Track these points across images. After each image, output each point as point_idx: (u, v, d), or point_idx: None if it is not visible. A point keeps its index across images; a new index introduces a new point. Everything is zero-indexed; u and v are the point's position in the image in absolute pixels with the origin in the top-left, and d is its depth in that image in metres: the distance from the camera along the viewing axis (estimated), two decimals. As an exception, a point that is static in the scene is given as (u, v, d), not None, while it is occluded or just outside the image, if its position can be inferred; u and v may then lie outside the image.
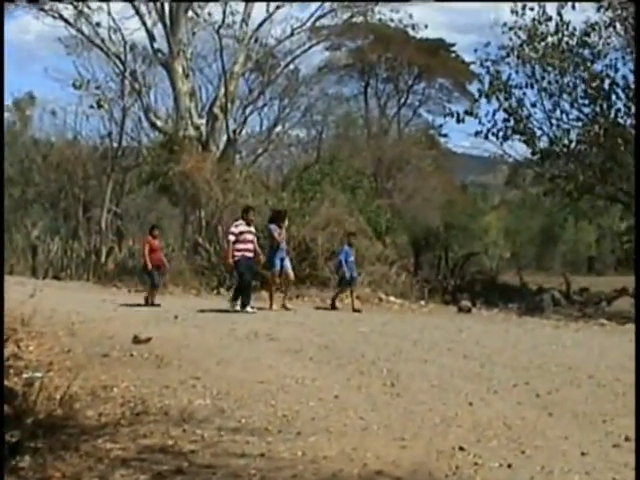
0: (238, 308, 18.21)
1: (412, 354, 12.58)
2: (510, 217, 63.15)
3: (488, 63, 26.17)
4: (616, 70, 25.26)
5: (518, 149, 26.86)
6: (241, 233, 18.54)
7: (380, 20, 37.56)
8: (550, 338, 15.76)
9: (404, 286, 24.28)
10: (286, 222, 19.91)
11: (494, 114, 25.86)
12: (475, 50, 27.46)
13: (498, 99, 25.52)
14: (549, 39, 25.21)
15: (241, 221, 18.91)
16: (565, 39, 25.19)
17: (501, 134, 25.80)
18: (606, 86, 25.01)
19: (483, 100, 26.31)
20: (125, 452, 7.10)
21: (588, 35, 25.10)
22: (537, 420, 8.39)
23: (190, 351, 12.17)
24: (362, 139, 47.14)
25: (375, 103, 51.99)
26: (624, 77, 25.11)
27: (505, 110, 25.62)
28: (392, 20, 37.43)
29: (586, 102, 25.33)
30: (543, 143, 26.17)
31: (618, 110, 25.03)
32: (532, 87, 25.74)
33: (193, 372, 10.40)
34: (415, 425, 8.07)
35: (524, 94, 25.86)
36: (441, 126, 52.68)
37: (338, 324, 16.75)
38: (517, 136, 26.00)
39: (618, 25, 25.00)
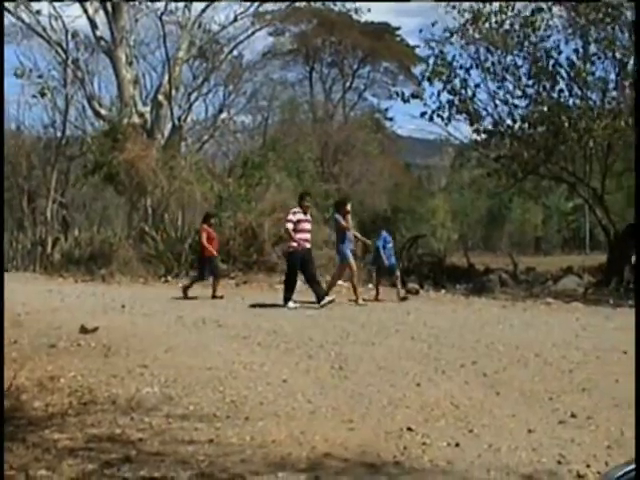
0: (292, 305, 16.97)
1: (360, 337, 12.62)
2: (457, 199, 63.51)
3: (433, 44, 26.25)
4: (559, 51, 25.47)
5: (463, 130, 27.05)
6: (299, 221, 17.26)
7: (323, 4, 37.57)
8: (497, 318, 15.88)
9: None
10: (348, 207, 18.60)
11: (439, 95, 25.96)
12: (420, 31, 27.72)
13: (442, 80, 25.59)
14: (493, 20, 25.30)
15: (298, 208, 17.64)
16: (509, 20, 25.30)
17: (446, 115, 25.90)
18: (550, 66, 25.17)
19: (428, 82, 26.40)
20: (73, 442, 7.06)
21: (532, 16, 25.23)
22: (484, 399, 8.46)
23: (138, 339, 12.10)
24: (308, 124, 47.14)
25: (320, 88, 52.08)
26: (567, 58, 25.31)
27: (449, 91, 25.71)
28: (335, 4, 37.46)
29: (530, 82, 25.44)
30: (487, 123, 26.31)
31: (561, 90, 25.20)
32: (476, 68, 25.85)
33: (141, 360, 10.35)
34: (363, 407, 8.10)
35: (468, 75, 25.97)
36: (387, 110, 52.98)
37: (286, 309, 16.74)
38: (461, 117, 26.12)
39: (562, 6, 25.17)
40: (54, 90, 34.79)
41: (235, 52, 38.30)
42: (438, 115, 25.83)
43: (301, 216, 17.36)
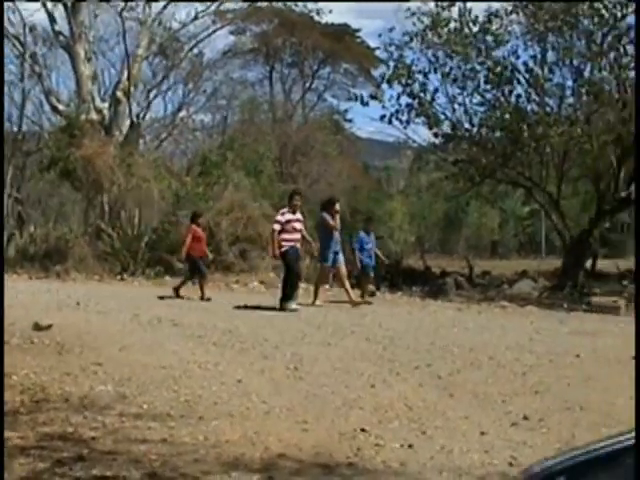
0: (294, 307, 16.45)
1: (315, 337, 12.64)
2: (415, 201, 63.67)
3: (392, 48, 26.34)
4: (517, 57, 25.68)
5: (422, 134, 27.17)
6: (288, 222, 16.78)
7: (285, 4, 37.57)
8: (452, 320, 15.96)
9: (309, 270, 24.30)
10: (337, 207, 18.03)
11: (398, 98, 26.06)
12: (379, 35, 27.62)
13: (401, 83, 25.70)
14: (452, 25, 25.44)
15: (286, 208, 17.15)
16: (468, 25, 25.45)
17: (405, 118, 26.01)
18: (508, 72, 25.36)
19: (387, 85, 26.50)
20: (24, 440, 7.00)
21: (490, 22, 25.40)
22: (438, 401, 8.51)
23: (92, 337, 12.03)
24: (267, 124, 47.06)
25: (280, 88, 51.98)
26: (525, 63, 25.51)
27: (409, 94, 25.82)
28: (297, 5, 37.50)
29: (488, 87, 25.62)
30: (446, 127, 26.45)
31: (519, 96, 25.42)
32: (435, 72, 25.98)
33: (95, 358, 10.30)
34: (317, 408, 8.12)
35: (427, 79, 26.10)
36: (346, 111, 52.94)
37: (243, 308, 16.73)
38: (420, 120, 26.25)
39: (520, 12, 25.34)
40: (11, 84, 34.53)
41: (195, 50, 38.25)
42: (397, 118, 25.94)
43: (290, 216, 16.93)
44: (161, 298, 18.50)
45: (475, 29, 25.29)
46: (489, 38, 25.20)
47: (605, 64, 24.23)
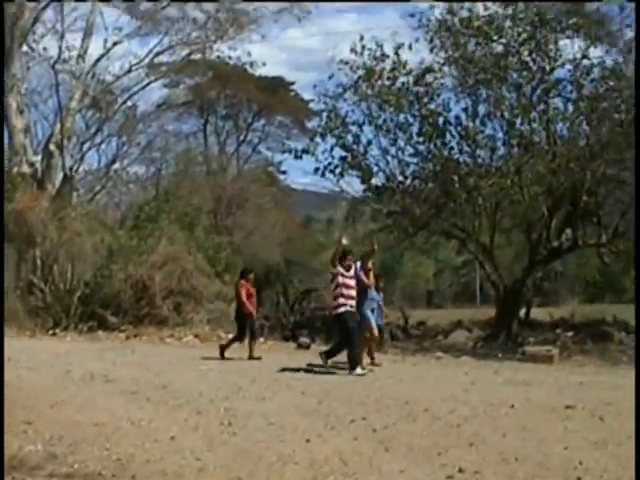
0: (360, 371, 15.27)
1: (250, 392, 12.54)
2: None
3: (326, 99, 26.53)
4: (449, 109, 25.99)
5: (356, 185, 27.25)
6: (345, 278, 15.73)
7: (219, 57, 37.68)
8: (387, 372, 15.95)
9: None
10: (370, 264, 16.89)
11: (331, 150, 26.19)
12: (314, 86, 27.78)
13: (335, 135, 25.87)
14: (385, 77, 25.70)
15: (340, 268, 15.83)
16: (401, 78, 25.73)
17: (338, 171, 26.13)
18: (440, 124, 25.65)
19: (321, 138, 26.62)
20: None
21: (423, 75, 25.71)
22: (373, 455, 8.44)
23: (22, 394, 11.81)
24: (201, 176, 47.02)
25: (214, 140, 52.04)
26: (457, 116, 25.84)
27: (342, 147, 25.99)
28: (230, 57, 37.63)
29: (421, 139, 25.89)
30: (380, 179, 26.63)
31: (452, 148, 25.71)
32: (369, 124, 26.19)
33: (25, 416, 10.09)
34: (251, 464, 8.01)
35: (361, 130, 26.30)
36: (280, 163, 53.17)
37: (177, 363, 16.59)
38: (354, 172, 26.38)
39: (452, 66, 25.71)
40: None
41: (129, 103, 38.19)
42: (330, 171, 26.06)
43: (346, 273, 15.86)
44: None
45: (408, 81, 25.58)
46: (422, 90, 25.50)
47: (535, 116, 24.66)
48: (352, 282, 15.77)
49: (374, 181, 26.54)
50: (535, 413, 10.95)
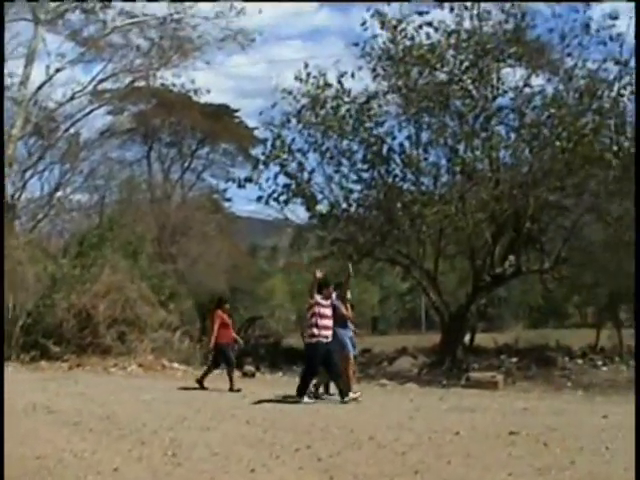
0: (352, 396, 15.30)
1: (195, 422, 12.44)
2: (295, 279, 63.83)
3: (271, 127, 26.59)
4: (393, 137, 26.18)
5: (300, 213, 27.31)
6: (323, 307, 15.52)
7: (163, 85, 37.55)
8: (334, 401, 15.92)
9: (188, 352, 24.09)
10: (348, 294, 16.95)
11: (275, 178, 26.24)
12: (260, 113, 27.88)
13: (279, 163, 25.93)
14: (329, 105, 25.82)
15: (318, 296, 15.61)
16: (345, 106, 25.86)
17: (282, 198, 26.18)
18: (384, 152, 25.81)
19: (264, 166, 26.66)
20: None
21: (367, 103, 25.87)
22: (318, 484, 8.42)
23: (-38, 427, 11.60)
24: (145, 203, 46.71)
25: (159, 167, 51.77)
26: (401, 144, 26.02)
27: (286, 174, 26.04)
28: (174, 85, 37.51)
29: (365, 167, 26.04)
30: (324, 206, 26.70)
31: (396, 175, 25.86)
32: (313, 151, 26.29)
33: (-36, 450, 9.91)
34: (196, 495, 7.95)
35: (305, 158, 26.38)
36: (225, 190, 53.01)
37: (120, 393, 16.41)
38: (298, 200, 26.43)
39: (395, 94, 25.89)
40: None
41: (72, 130, 37.86)
42: (274, 199, 26.09)
43: (324, 302, 15.64)
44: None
45: (352, 109, 25.71)
46: (365, 118, 25.64)
47: (477, 144, 24.91)
48: (329, 312, 15.61)
49: (318, 208, 26.60)
50: (480, 440, 10.97)
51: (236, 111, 53.55)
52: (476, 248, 26.62)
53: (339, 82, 25.79)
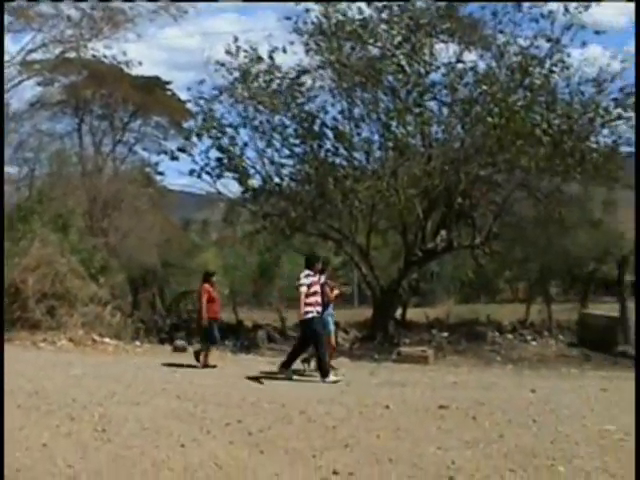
0: (333, 378, 15.10)
1: (125, 397, 12.35)
2: (228, 254, 63.64)
3: (201, 101, 26.41)
4: (326, 112, 26.14)
5: (232, 187, 27.19)
6: (313, 284, 15.49)
7: (94, 56, 37.06)
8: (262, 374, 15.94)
9: (119, 327, 23.87)
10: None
11: (207, 152, 26.10)
12: (189, 88, 27.70)
13: (211, 137, 25.77)
14: (261, 79, 25.69)
15: (308, 271, 15.66)
16: (277, 80, 25.76)
17: (215, 172, 26.05)
18: (316, 127, 25.77)
19: (197, 138, 26.50)
20: None
21: (299, 77, 25.79)
22: (249, 459, 8.41)
23: None
24: (76, 177, 46.12)
25: (90, 140, 51.12)
26: (334, 118, 26.02)
27: (218, 149, 25.89)
28: (106, 56, 37.04)
29: (297, 141, 25.99)
30: (256, 181, 26.64)
31: (328, 150, 25.85)
32: (245, 126, 26.16)
33: None
34: (125, 471, 7.89)
35: (237, 133, 26.24)
36: (157, 164, 52.56)
37: (50, 368, 16.22)
38: (230, 174, 26.31)
39: (327, 68, 25.82)
40: None
41: (1, 101, 37.20)
42: (207, 172, 25.95)
43: (314, 279, 15.64)
44: None
45: (284, 83, 25.61)
46: (297, 93, 25.56)
47: (410, 119, 24.97)
48: (318, 288, 15.60)
49: (251, 183, 26.51)
50: (410, 414, 11.06)
51: (168, 83, 53.03)
52: (408, 223, 26.75)
53: (270, 56, 25.66)
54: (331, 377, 15.17)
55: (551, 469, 7.90)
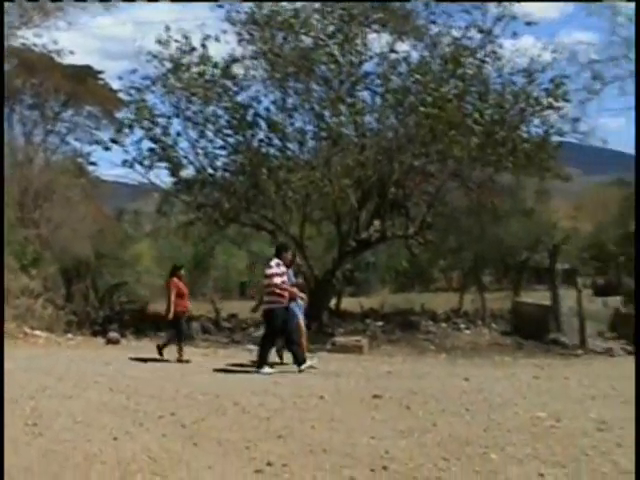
0: (268, 370, 15.20)
1: (57, 390, 12.25)
2: (163, 244, 63.28)
3: (133, 91, 26.16)
4: (259, 102, 26.04)
5: (165, 178, 27.01)
6: (283, 274, 15.59)
7: (24, 45, 36.55)
8: (197, 367, 15.90)
9: (51, 319, 23.63)
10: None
11: (140, 142, 25.88)
12: (120, 78, 27.44)
13: (143, 127, 25.55)
14: (193, 69, 25.51)
15: (278, 260, 15.81)
16: (209, 70, 25.58)
17: (147, 163, 25.84)
18: (249, 117, 25.67)
19: (129, 129, 26.24)
20: None
21: (231, 67, 25.63)
22: (182, 451, 8.38)
23: None
24: (7, 167, 45.44)
25: (20, 130, 50.40)
26: (267, 109, 25.94)
27: (151, 139, 25.70)
28: (36, 45, 36.55)
29: (230, 132, 25.86)
30: (190, 172, 26.47)
31: (261, 140, 25.77)
32: (177, 116, 25.97)
33: None
34: (57, 465, 7.82)
35: (170, 123, 26.04)
36: (89, 154, 52.01)
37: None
38: (163, 164, 26.13)
39: (260, 59, 25.71)
40: None
41: None
42: (139, 163, 25.74)
43: (284, 269, 15.77)
44: None
45: (217, 73, 25.45)
46: (230, 83, 25.43)
47: (343, 109, 24.98)
48: (285, 279, 15.68)
49: (184, 174, 26.35)
50: (344, 404, 11.11)
51: (100, 73, 52.44)
52: (342, 213, 26.77)
53: (203, 46, 25.48)
54: (308, 362, 15.40)
55: (484, 457, 7.98)
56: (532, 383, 13.62)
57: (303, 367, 15.29)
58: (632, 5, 23.47)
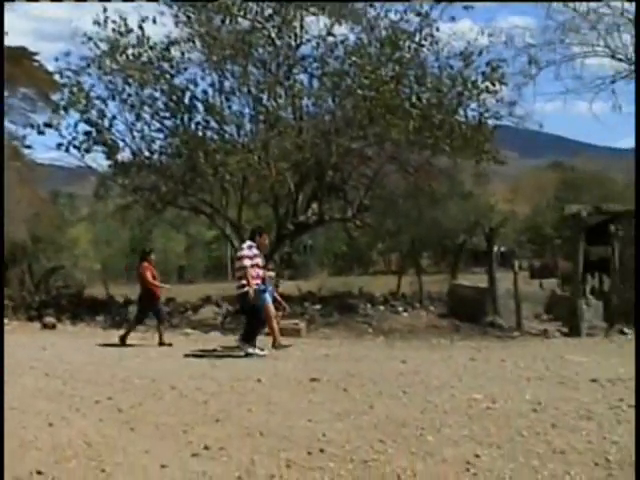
0: (252, 351, 15.12)
1: (-9, 376, 12.11)
2: (101, 228, 62.86)
3: (69, 73, 25.83)
4: (196, 84, 25.86)
5: (102, 161, 26.76)
6: (255, 257, 15.45)
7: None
8: (135, 351, 15.83)
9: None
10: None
11: (76, 126, 25.58)
12: (56, 59, 27.05)
13: (78, 110, 25.27)
14: (130, 51, 25.26)
15: (251, 242, 15.73)
16: (146, 52, 25.35)
17: (83, 146, 25.56)
18: (187, 99, 25.51)
19: (64, 111, 25.94)
20: None
21: (168, 49, 25.42)
22: (119, 436, 8.35)
23: None
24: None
25: (-47, 113, 49.68)
26: (204, 92, 25.78)
27: (86, 122, 25.42)
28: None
29: (167, 115, 25.68)
30: (126, 155, 26.23)
31: (198, 123, 25.63)
32: (114, 99, 25.71)
33: None
34: (-8, 452, 7.74)
35: (106, 105, 25.76)
36: (24, 137, 51.38)
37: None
38: (99, 148, 25.86)
39: (197, 41, 25.53)
40: None
41: None
42: (75, 146, 25.47)
43: (256, 251, 15.58)
44: None
45: (153, 56, 25.23)
46: (167, 65, 25.23)
47: (281, 92, 24.95)
48: (260, 261, 15.64)
49: (120, 157, 26.11)
50: (281, 387, 11.14)
51: (35, 54, 51.80)
52: (279, 196, 26.77)
53: (140, 27, 25.24)
54: (256, 350, 15.19)
55: (420, 438, 8.06)
56: (469, 365, 13.76)
57: (249, 350, 15.14)
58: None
